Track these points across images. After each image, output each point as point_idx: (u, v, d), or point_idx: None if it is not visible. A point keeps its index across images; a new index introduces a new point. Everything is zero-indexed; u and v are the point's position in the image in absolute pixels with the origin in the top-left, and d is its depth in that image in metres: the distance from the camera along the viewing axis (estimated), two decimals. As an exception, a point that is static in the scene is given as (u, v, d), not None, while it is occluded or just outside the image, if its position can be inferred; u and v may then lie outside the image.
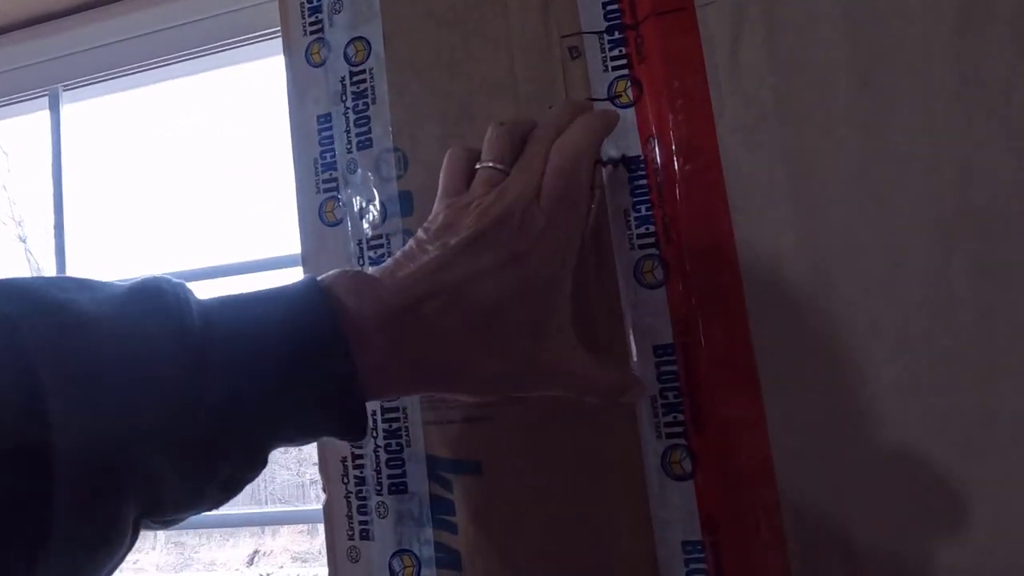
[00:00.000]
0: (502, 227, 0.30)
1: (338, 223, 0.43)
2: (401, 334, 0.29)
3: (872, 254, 0.33)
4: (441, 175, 0.35)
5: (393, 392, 0.34)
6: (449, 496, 0.39)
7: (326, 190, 0.44)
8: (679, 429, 0.37)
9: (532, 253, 0.30)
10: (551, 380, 0.33)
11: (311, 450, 0.43)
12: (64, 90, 0.73)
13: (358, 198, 0.42)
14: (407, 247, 0.32)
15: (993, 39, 0.32)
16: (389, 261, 0.32)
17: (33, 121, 0.75)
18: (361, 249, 0.42)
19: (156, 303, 0.27)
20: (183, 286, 0.29)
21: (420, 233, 0.32)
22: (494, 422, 0.39)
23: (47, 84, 0.71)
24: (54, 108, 0.74)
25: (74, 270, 0.78)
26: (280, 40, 0.46)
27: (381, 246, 0.42)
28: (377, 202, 0.42)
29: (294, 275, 0.45)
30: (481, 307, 0.30)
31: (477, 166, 0.34)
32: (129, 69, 0.70)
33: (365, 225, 0.42)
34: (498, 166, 0.33)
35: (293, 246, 0.47)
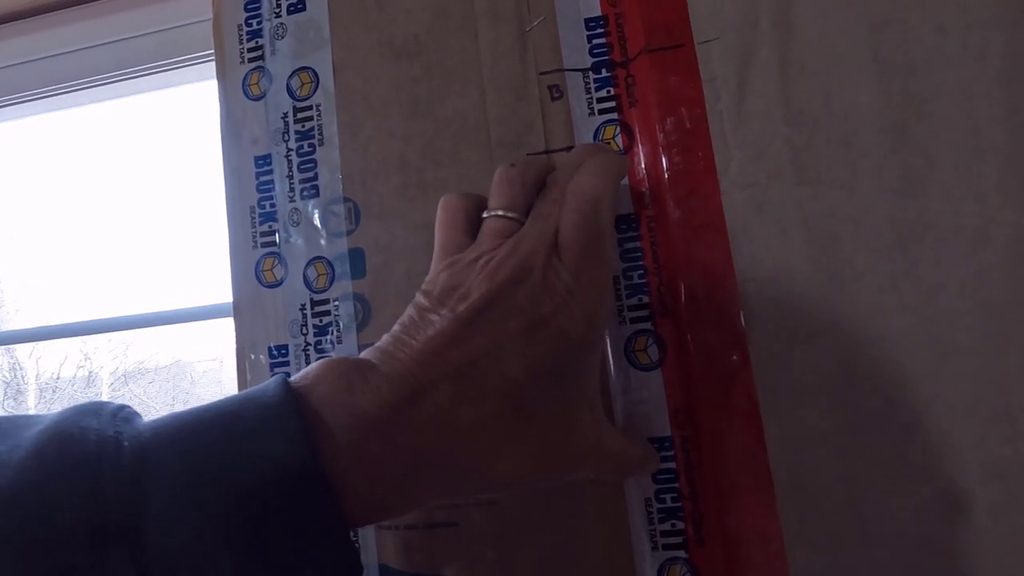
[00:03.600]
0: (520, 286, 0.25)
1: (278, 284, 0.37)
2: (406, 437, 0.23)
3: (911, 341, 0.27)
4: (437, 228, 0.30)
5: (396, 514, 0.27)
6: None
7: (264, 244, 0.37)
8: (679, 540, 0.31)
9: (558, 315, 0.25)
10: (583, 463, 0.28)
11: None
12: None
13: (301, 256, 0.36)
14: (405, 316, 0.26)
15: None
16: (386, 336, 0.26)
17: None
18: (304, 315, 0.36)
19: (66, 459, 0.21)
20: (118, 414, 0.23)
21: (420, 298, 0.27)
22: (459, 528, 0.32)
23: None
24: None
25: None
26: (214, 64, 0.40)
27: (327, 313, 0.35)
28: (324, 262, 0.35)
29: (230, 327, 0.39)
30: (503, 388, 0.25)
31: (484, 215, 0.29)
32: (38, 92, 0.62)
33: (308, 289, 0.36)
34: (510, 214, 0.28)
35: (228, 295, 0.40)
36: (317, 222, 0.36)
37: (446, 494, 0.26)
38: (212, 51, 0.40)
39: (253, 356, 0.37)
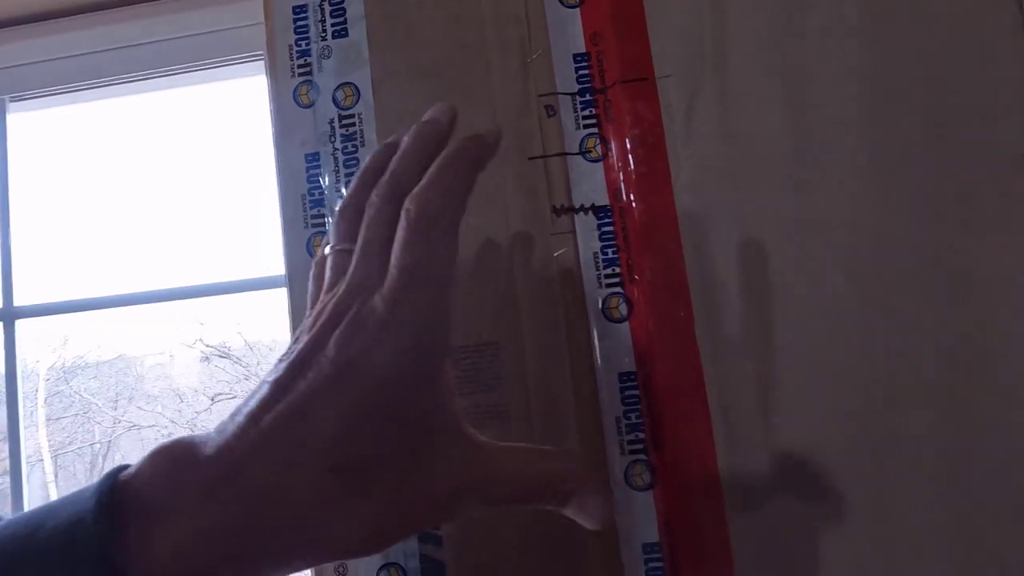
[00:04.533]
0: (330, 331, 0.24)
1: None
2: (224, 519, 0.22)
3: (802, 304, 0.39)
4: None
5: None
6: (434, 512, 0.43)
7: (314, 225, 0.46)
8: (640, 446, 0.42)
9: (368, 355, 0.24)
10: (459, 500, 0.25)
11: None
12: (11, 101, 0.70)
13: None
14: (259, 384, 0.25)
15: (900, 118, 0.39)
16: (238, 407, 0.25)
17: None
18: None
19: None
20: None
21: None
22: None
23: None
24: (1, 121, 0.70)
25: (20, 276, 0.73)
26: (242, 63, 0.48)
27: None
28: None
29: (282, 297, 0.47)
30: (319, 447, 0.23)
31: (326, 251, 0.28)
32: (79, 84, 0.68)
33: None
34: (345, 247, 0.27)
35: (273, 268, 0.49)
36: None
37: (292, 564, 0.24)
38: (246, 53, 0.48)
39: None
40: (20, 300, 0.69)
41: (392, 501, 0.24)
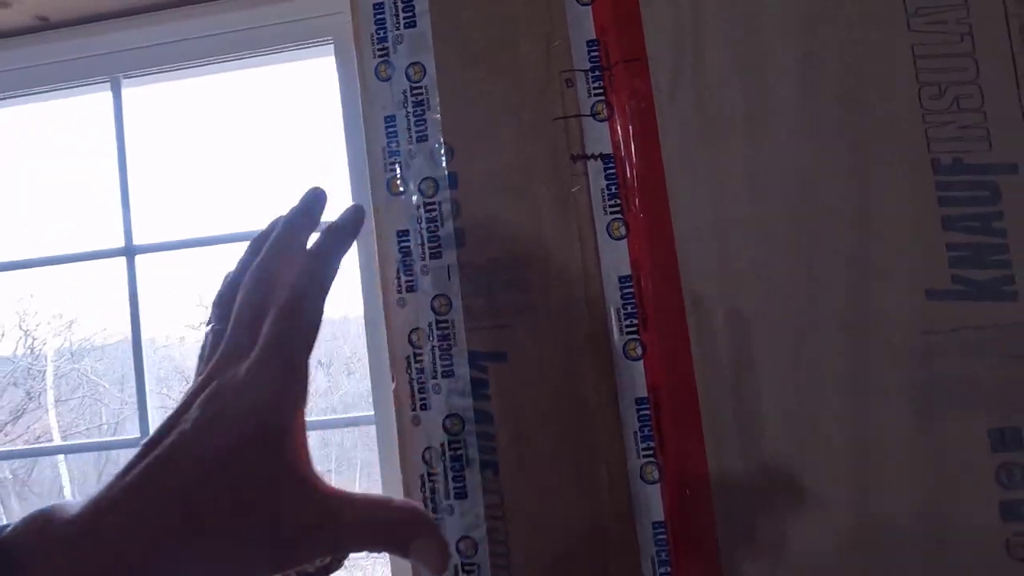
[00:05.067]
0: (196, 397, 0.27)
1: (401, 194, 0.61)
2: (85, 564, 0.23)
3: (748, 228, 0.55)
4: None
5: None
6: (485, 377, 0.59)
7: (389, 169, 0.62)
8: (635, 327, 0.58)
9: (229, 411, 0.26)
10: (306, 546, 0.27)
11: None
12: (125, 78, 0.85)
13: (417, 176, 0.61)
14: None
15: (827, 94, 0.55)
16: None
17: (95, 101, 0.86)
18: (419, 212, 0.61)
19: None
20: None
21: None
22: (513, 328, 0.59)
23: (110, 73, 0.83)
24: (116, 94, 0.85)
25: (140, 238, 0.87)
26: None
27: (435, 208, 0.60)
28: (432, 179, 0.60)
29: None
30: (179, 495, 0.25)
31: (205, 330, 0.31)
32: (182, 65, 0.83)
33: (420, 197, 0.61)
34: (220, 326, 0.30)
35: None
36: (428, 156, 0.61)
37: None
38: (317, 39, 0.63)
39: (388, 246, 0.61)
40: (139, 239, 0.84)
41: (241, 547, 0.26)
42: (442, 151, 0.61)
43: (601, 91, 0.60)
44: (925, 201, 0.53)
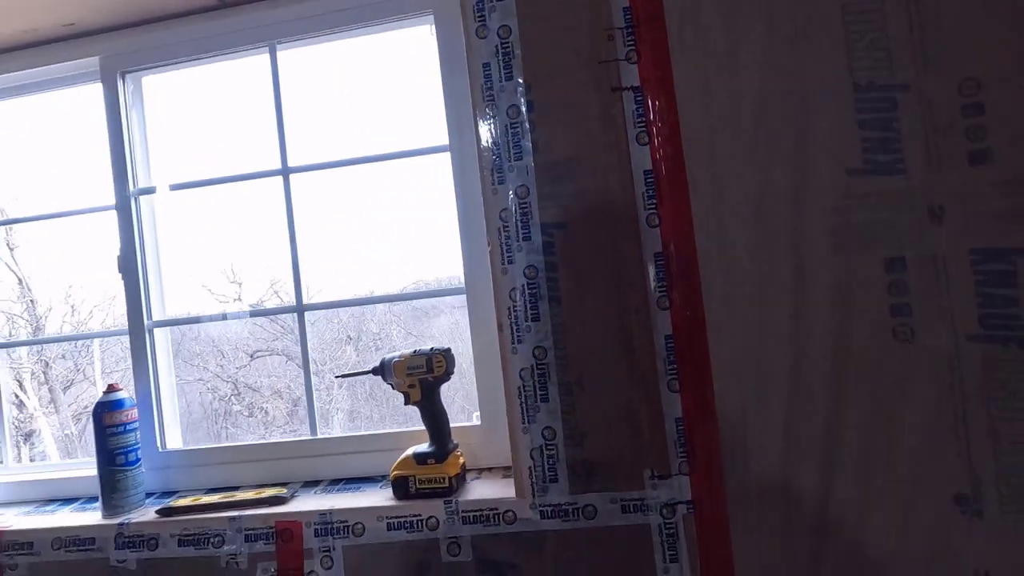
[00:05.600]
0: None
1: (494, 117, 0.90)
2: None
3: (730, 128, 0.82)
4: None
5: None
6: (551, 240, 0.88)
7: (488, 100, 0.90)
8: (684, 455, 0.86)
9: None
10: None
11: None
12: (279, 44, 1.14)
13: (505, 104, 0.89)
14: None
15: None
16: None
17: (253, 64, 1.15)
18: (506, 128, 0.89)
19: None
20: None
21: None
22: (570, 206, 0.88)
23: (268, 40, 1.13)
24: (273, 58, 1.15)
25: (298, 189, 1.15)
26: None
27: (517, 126, 0.89)
28: (516, 106, 0.89)
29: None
30: None
31: None
32: (318, 34, 1.12)
33: (507, 118, 0.89)
34: None
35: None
36: (512, 90, 0.89)
37: None
38: (420, 10, 0.92)
39: (484, 153, 0.90)
40: (293, 161, 1.14)
41: None
42: (523, 86, 0.89)
43: (632, 42, 0.86)
44: (848, 109, 0.80)
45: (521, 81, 0.89)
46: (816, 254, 0.82)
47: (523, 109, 0.89)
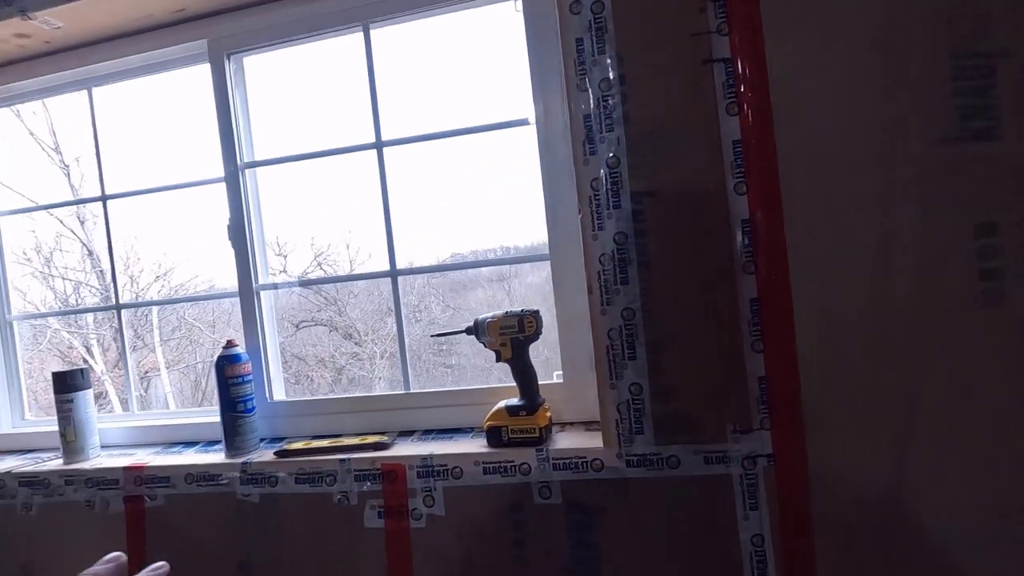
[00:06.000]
0: None
1: (586, 90, 0.94)
2: None
3: (822, 97, 0.85)
4: None
5: None
6: (641, 208, 0.93)
7: (580, 73, 0.95)
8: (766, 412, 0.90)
9: None
10: None
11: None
12: (372, 24, 1.21)
13: (597, 78, 0.94)
14: None
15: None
16: None
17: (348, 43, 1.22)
18: (599, 101, 0.94)
19: None
20: None
21: None
22: (661, 176, 0.92)
23: (362, 20, 1.20)
24: (367, 37, 1.22)
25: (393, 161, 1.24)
26: None
27: (609, 99, 0.93)
28: (608, 79, 0.93)
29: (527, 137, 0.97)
30: None
31: None
32: (411, 13, 1.18)
33: (599, 91, 0.93)
34: None
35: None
36: (604, 64, 0.93)
37: None
38: None
39: (577, 125, 0.95)
40: (387, 135, 1.23)
41: None
42: (615, 60, 0.93)
43: (724, 15, 0.89)
44: (944, 77, 0.81)
45: (614, 55, 0.94)
46: (904, 219, 0.85)
47: (615, 82, 0.94)
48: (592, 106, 0.95)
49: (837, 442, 0.90)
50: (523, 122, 1.15)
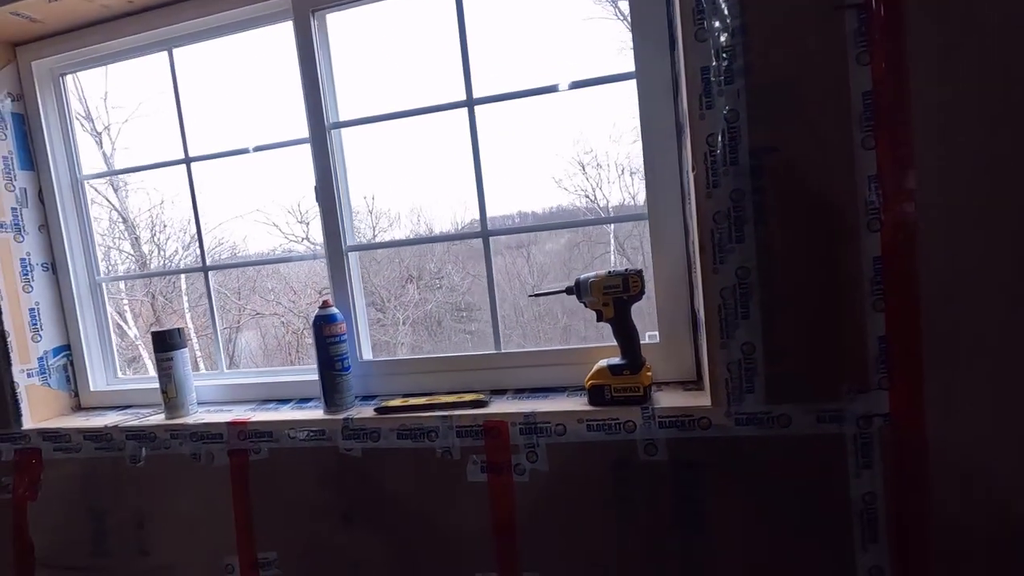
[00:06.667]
0: None
1: (705, 40, 0.91)
2: None
3: (961, 52, 0.80)
4: None
5: None
6: (761, 164, 0.91)
7: (697, 23, 0.91)
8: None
9: None
10: None
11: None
12: None
13: (716, 28, 0.90)
14: None
15: None
16: None
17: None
18: (717, 53, 0.91)
19: None
20: None
21: None
22: (785, 130, 0.89)
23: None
24: None
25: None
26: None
27: (730, 49, 0.90)
28: (728, 29, 0.90)
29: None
30: None
31: None
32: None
33: (718, 42, 0.90)
34: None
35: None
36: (723, 13, 0.89)
37: None
38: None
39: (693, 77, 0.92)
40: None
41: None
42: (737, 8, 0.89)
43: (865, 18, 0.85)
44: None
45: (734, 3, 0.90)
46: (1052, 174, 0.82)
47: (737, 31, 0.90)
48: (711, 58, 0.92)
49: (957, 405, 0.89)
50: (630, 76, 1.11)
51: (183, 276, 6.17)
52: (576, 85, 1.16)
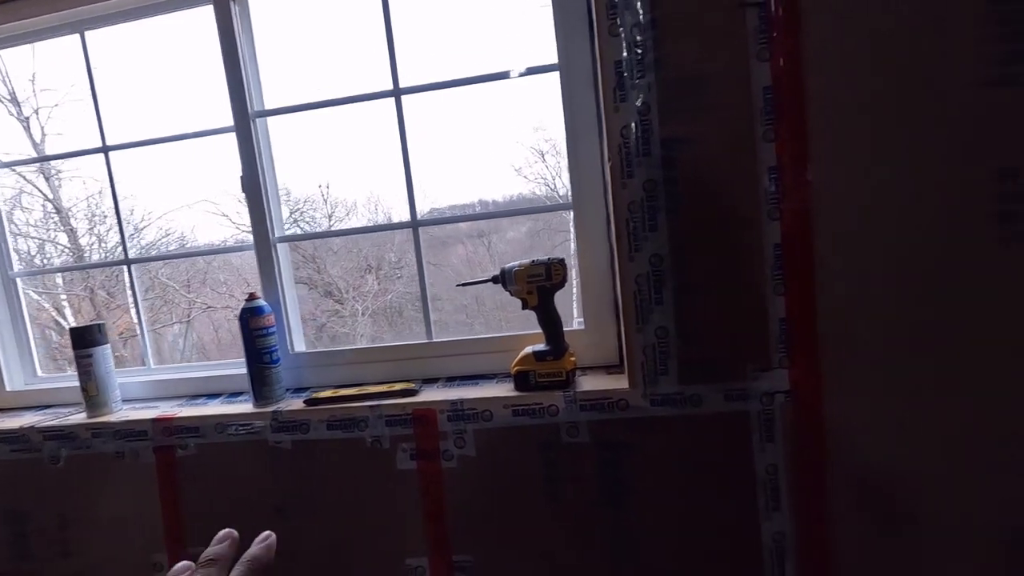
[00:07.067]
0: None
1: (618, 35, 0.94)
2: None
3: (859, 56, 0.86)
4: None
5: None
6: (674, 156, 0.95)
7: (610, 19, 0.94)
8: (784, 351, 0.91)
9: None
10: None
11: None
12: None
13: (629, 23, 0.93)
14: None
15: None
16: None
17: None
18: (630, 47, 0.93)
19: None
20: None
21: None
22: (693, 123, 0.93)
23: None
24: None
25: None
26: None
27: (642, 45, 0.93)
28: (639, 25, 0.93)
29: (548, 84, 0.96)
30: None
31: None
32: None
33: (631, 37, 0.93)
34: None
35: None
36: (635, 8, 0.92)
37: None
38: None
39: (608, 70, 0.95)
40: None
41: None
42: (647, 4, 0.92)
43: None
44: (985, 22, 0.83)
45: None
46: (929, 164, 0.88)
47: (647, 26, 0.93)
48: (623, 52, 0.95)
49: (852, 382, 0.95)
50: (554, 67, 1.13)
51: (125, 268, 5.90)
52: (529, 72, 1.17)
